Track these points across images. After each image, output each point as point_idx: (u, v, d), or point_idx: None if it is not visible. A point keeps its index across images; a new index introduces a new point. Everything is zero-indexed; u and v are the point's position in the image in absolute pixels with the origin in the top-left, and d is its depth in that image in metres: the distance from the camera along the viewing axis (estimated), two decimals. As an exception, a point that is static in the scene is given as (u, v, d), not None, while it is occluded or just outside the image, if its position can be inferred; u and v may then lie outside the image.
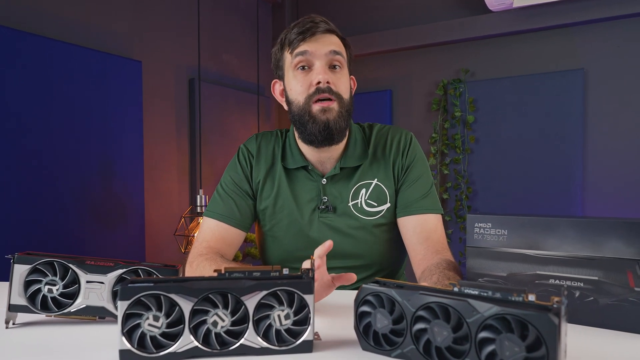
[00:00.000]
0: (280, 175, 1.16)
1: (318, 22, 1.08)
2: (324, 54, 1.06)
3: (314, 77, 1.06)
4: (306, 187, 1.15)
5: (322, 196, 1.13)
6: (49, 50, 2.11)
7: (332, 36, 1.09)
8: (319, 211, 1.13)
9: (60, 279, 0.77)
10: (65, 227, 2.19)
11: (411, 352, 0.62)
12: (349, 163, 1.14)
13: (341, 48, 1.10)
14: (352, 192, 1.13)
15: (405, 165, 1.15)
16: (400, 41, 3.17)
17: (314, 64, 1.07)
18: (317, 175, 1.14)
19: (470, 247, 0.87)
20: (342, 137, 1.10)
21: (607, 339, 0.73)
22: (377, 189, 1.14)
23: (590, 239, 0.78)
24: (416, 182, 1.13)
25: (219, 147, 3.04)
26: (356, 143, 1.17)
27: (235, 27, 3.26)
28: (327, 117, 1.05)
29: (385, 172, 1.14)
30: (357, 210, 1.13)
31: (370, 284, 0.66)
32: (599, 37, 2.68)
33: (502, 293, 0.57)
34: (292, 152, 1.16)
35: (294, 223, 1.14)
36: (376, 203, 1.13)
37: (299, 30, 1.07)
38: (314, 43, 1.06)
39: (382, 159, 1.15)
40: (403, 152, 1.15)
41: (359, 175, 1.14)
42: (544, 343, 0.52)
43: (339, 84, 1.08)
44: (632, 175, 2.61)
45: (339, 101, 1.07)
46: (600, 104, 2.69)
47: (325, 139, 1.07)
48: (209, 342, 0.64)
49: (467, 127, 3.01)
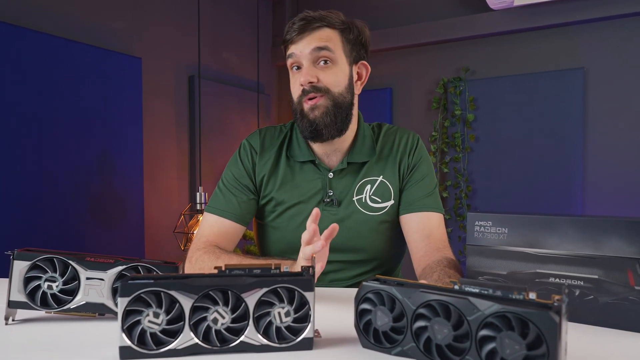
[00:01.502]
0: (285, 168, 1.17)
1: (309, 19, 1.08)
2: (308, 53, 1.08)
3: (300, 79, 1.09)
4: (312, 180, 1.16)
5: (327, 190, 1.14)
6: (49, 47, 2.11)
7: (322, 30, 1.09)
8: (323, 204, 1.14)
9: (60, 275, 0.77)
10: (65, 224, 2.18)
11: (411, 350, 0.62)
12: (356, 158, 1.15)
13: (330, 41, 1.09)
14: (357, 187, 1.15)
15: (412, 165, 1.17)
16: (401, 39, 3.17)
17: (302, 64, 1.09)
18: (324, 169, 1.15)
19: (471, 245, 0.87)
20: (333, 131, 1.10)
21: (608, 338, 0.73)
22: (382, 185, 1.15)
23: (591, 237, 0.78)
24: (421, 181, 1.15)
25: (218, 145, 3.04)
26: (364, 139, 1.18)
27: (235, 24, 3.25)
28: (315, 115, 1.08)
29: (392, 169, 1.16)
30: (361, 205, 1.14)
31: (371, 281, 0.66)
32: (599, 36, 2.68)
33: (502, 291, 0.57)
34: (300, 146, 1.17)
35: (297, 215, 1.15)
36: (380, 199, 1.15)
37: (289, 30, 1.10)
38: (300, 43, 1.08)
39: (389, 157, 1.17)
40: (410, 152, 1.17)
41: (365, 171, 1.16)
42: (544, 341, 0.52)
43: (326, 79, 1.08)
44: (632, 174, 2.61)
45: (326, 96, 1.08)
46: (600, 103, 2.69)
47: (314, 135, 1.10)
48: (209, 339, 0.64)
49: (467, 126, 3.01)
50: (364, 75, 1.18)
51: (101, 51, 2.33)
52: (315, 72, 1.08)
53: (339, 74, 1.10)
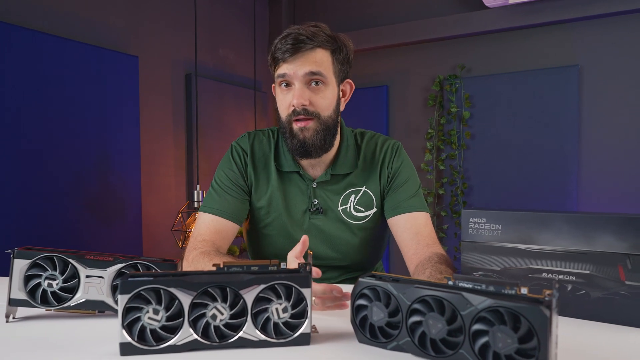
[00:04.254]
0: (273, 176, 1.19)
1: (301, 39, 1.06)
2: (301, 76, 1.07)
3: (292, 99, 1.08)
4: (298, 189, 1.19)
5: (312, 199, 1.18)
6: (45, 45, 2.11)
7: (316, 52, 1.08)
8: (309, 213, 1.18)
9: (60, 273, 0.78)
10: (62, 222, 2.19)
11: (407, 344, 0.64)
12: (339, 170, 1.18)
13: (323, 64, 1.08)
14: (342, 198, 1.18)
15: (392, 172, 1.20)
16: (397, 37, 3.18)
17: (294, 84, 1.09)
18: (308, 179, 1.18)
19: (465, 241, 0.88)
20: (321, 151, 1.13)
21: (598, 331, 0.75)
22: (365, 195, 1.19)
23: (583, 233, 0.79)
24: (404, 185, 1.18)
25: (215, 142, 3.04)
26: (348, 150, 1.20)
27: (232, 21, 3.25)
28: (305, 136, 1.10)
29: (373, 179, 1.19)
30: (345, 214, 1.18)
31: (367, 277, 0.67)
32: (594, 33, 2.70)
33: (495, 286, 0.59)
34: (285, 156, 1.19)
35: (285, 224, 1.18)
36: (364, 209, 1.19)
37: (280, 48, 1.07)
38: (293, 64, 1.07)
39: (371, 167, 1.20)
40: (390, 161, 1.20)
41: (348, 182, 1.19)
42: (535, 335, 0.53)
43: (317, 103, 1.09)
44: (626, 171, 2.63)
45: (316, 119, 1.10)
46: (595, 100, 2.71)
47: (303, 154, 1.12)
48: (208, 335, 0.65)
49: (463, 123, 3.02)
50: (347, 93, 1.20)
51: (98, 49, 2.33)
52: (308, 94, 1.08)
53: (329, 97, 1.11)
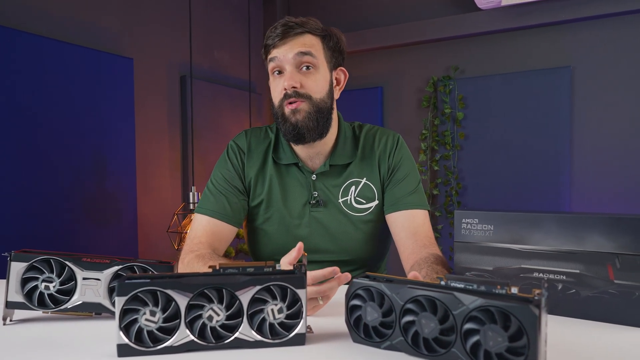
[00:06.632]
0: (271, 171, 1.18)
1: (291, 24, 1.09)
2: (291, 58, 1.09)
3: (283, 83, 1.10)
4: (297, 182, 1.18)
5: (312, 191, 1.17)
6: (40, 48, 2.10)
7: (305, 36, 1.10)
8: (309, 206, 1.17)
9: (57, 276, 0.78)
10: (58, 224, 2.18)
11: (400, 344, 0.65)
12: (338, 161, 1.17)
13: (313, 47, 1.10)
14: (342, 189, 1.17)
15: (392, 166, 1.19)
16: (391, 38, 3.19)
17: (285, 69, 1.10)
18: (307, 171, 1.18)
19: (458, 242, 0.90)
20: (315, 134, 1.12)
21: (588, 329, 0.76)
22: (366, 187, 1.18)
23: (573, 233, 0.81)
24: (403, 180, 1.17)
25: (211, 144, 3.05)
26: (346, 141, 1.20)
27: (226, 23, 3.26)
28: (297, 118, 1.10)
29: (373, 171, 1.18)
30: (346, 206, 1.17)
31: (361, 278, 0.69)
32: (586, 35, 2.72)
33: (486, 286, 0.60)
34: (284, 148, 1.19)
35: (285, 218, 1.17)
36: (365, 201, 1.17)
37: (270, 35, 1.11)
38: (282, 48, 1.10)
39: (370, 158, 1.19)
40: (390, 154, 1.19)
41: (348, 173, 1.18)
42: (525, 333, 0.54)
43: (308, 85, 1.10)
44: (618, 171, 2.66)
45: (308, 101, 1.10)
46: (587, 101, 2.73)
47: (296, 138, 1.12)
48: (205, 336, 0.66)
49: (457, 124, 3.04)
50: (342, 81, 1.20)
51: (93, 52, 2.33)
52: (299, 77, 1.09)
53: (320, 80, 1.12)
